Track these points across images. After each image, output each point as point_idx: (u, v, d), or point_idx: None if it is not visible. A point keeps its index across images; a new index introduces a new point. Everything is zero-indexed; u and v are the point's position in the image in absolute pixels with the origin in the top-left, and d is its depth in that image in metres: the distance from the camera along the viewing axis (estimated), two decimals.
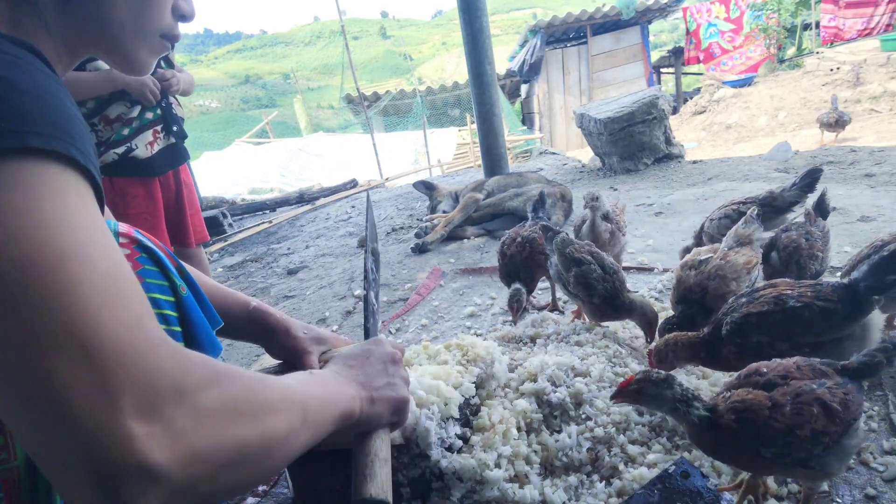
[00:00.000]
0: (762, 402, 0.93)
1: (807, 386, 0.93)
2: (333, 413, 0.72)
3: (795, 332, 1.17)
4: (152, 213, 2.38)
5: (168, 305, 0.81)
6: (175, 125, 2.43)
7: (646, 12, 13.77)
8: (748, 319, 1.21)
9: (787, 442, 0.90)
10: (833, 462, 0.94)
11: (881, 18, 11.87)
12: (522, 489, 1.13)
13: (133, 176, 2.33)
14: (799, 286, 1.22)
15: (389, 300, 2.68)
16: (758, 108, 10.25)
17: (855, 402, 0.93)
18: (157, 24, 0.77)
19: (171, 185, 2.46)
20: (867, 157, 4.27)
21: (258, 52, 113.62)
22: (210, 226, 2.75)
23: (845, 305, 1.14)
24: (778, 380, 0.97)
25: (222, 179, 13.00)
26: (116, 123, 2.26)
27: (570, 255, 1.66)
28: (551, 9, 62.84)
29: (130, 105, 2.28)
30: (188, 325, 0.83)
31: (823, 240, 1.63)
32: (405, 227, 4.28)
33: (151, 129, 2.36)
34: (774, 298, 1.21)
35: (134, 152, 2.31)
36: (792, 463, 0.93)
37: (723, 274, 1.46)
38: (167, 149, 2.42)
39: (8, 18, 0.65)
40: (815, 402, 0.91)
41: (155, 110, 2.36)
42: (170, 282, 0.82)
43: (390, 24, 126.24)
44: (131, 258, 0.79)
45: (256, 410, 0.57)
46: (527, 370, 1.46)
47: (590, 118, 5.30)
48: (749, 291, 1.30)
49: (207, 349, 0.83)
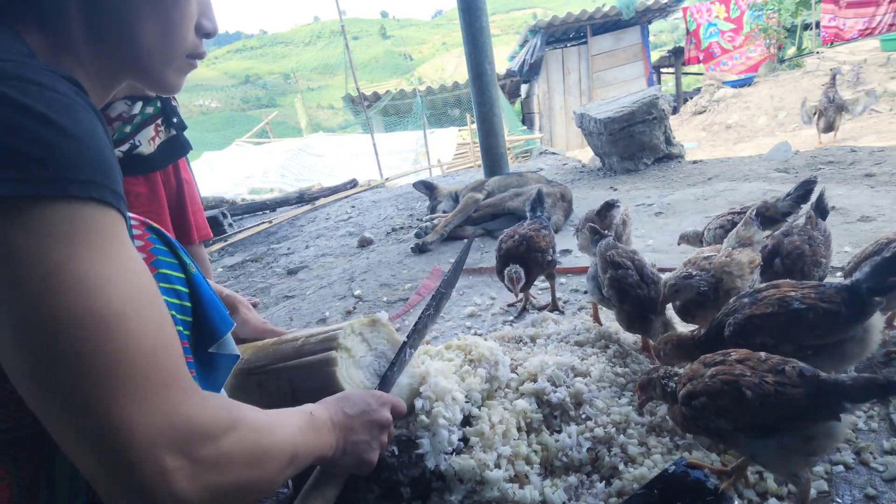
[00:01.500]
0: (696, 371, 1.07)
1: (738, 370, 1.01)
2: (314, 455, 0.87)
3: (800, 335, 1.17)
4: (156, 210, 2.37)
5: (180, 282, 0.85)
6: (175, 116, 2.42)
7: (646, 12, 13.77)
8: (752, 321, 1.20)
9: (693, 406, 1.03)
10: (764, 453, 0.98)
11: (883, 18, 11.87)
12: (522, 489, 1.13)
13: (137, 174, 2.32)
14: (802, 287, 1.22)
15: (389, 300, 2.68)
16: (758, 108, 10.25)
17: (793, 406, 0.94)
18: (182, 47, 0.80)
19: (172, 183, 2.45)
20: (867, 157, 4.27)
21: (258, 52, 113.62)
22: (210, 226, 2.74)
23: (848, 307, 1.13)
24: (730, 361, 1.05)
25: (222, 179, 13.01)
26: (117, 122, 2.25)
27: (610, 258, 1.62)
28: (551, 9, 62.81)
29: (131, 102, 2.27)
30: (199, 299, 0.87)
31: (826, 244, 1.61)
32: (405, 227, 4.28)
33: (153, 124, 2.34)
34: (778, 300, 1.20)
35: (138, 149, 2.30)
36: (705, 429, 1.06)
37: (729, 270, 1.46)
38: (168, 141, 2.41)
39: (47, 53, 0.69)
40: (731, 384, 0.99)
41: (155, 104, 2.34)
42: (179, 260, 0.87)
43: (390, 24, 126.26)
44: (143, 238, 0.84)
45: (262, 456, 0.70)
46: (527, 370, 1.46)
47: (590, 118, 5.30)
48: (751, 292, 1.29)
49: (219, 323, 0.89)
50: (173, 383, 0.59)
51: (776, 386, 0.96)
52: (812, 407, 0.93)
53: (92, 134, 0.59)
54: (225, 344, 0.90)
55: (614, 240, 1.76)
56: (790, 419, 0.96)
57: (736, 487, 1.11)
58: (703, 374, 1.05)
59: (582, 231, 2.16)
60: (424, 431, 1.15)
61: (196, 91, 63.27)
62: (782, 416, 0.95)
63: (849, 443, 1.20)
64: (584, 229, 1.96)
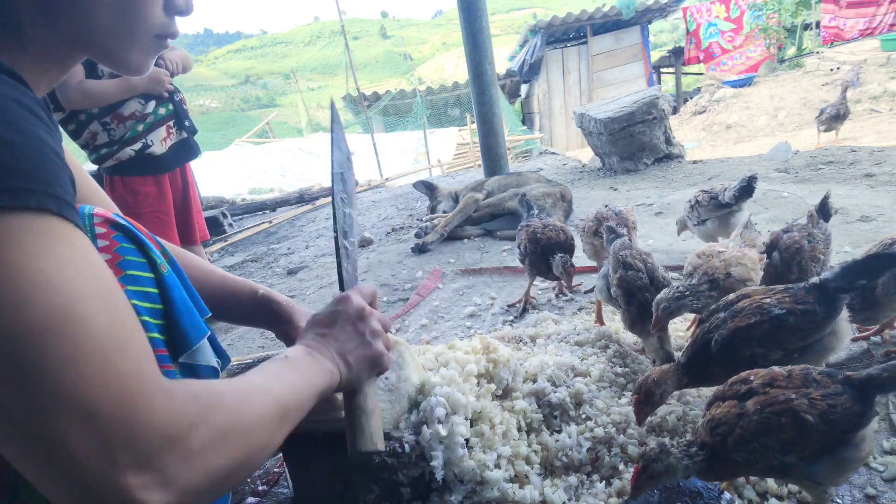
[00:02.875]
0: (732, 412, 0.96)
1: (783, 396, 0.93)
2: (312, 393, 0.79)
3: (787, 339, 1.16)
4: (164, 210, 2.40)
5: (149, 282, 0.80)
6: (186, 119, 2.45)
7: (646, 12, 13.77)
8: (738, 334, 1.18)
9: (751, 449, 0.93)
10: (822, 472, 0.93)
11: (884, 18, 11.87)
12: (523, 489, 1.13)
13: (147, 174, 2.35)
14: (773, 293, 1.21)
15: (389, 300, 2.68)
16: (758, 108, 10.25)
17: (848, 414, 0.91)
18: (145, 26, 0.74)
19: (178, 183, 2.49)
20: (867, 157, 4.27)
21: (258, 52, 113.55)
22: (210, 226, 2.79)
23: (822, 305, 1.15)
24: (759, 388, 0.97)
25: (222, 179, 12.97)
26: (130, 121, 2.28)
27: (622, 258, 1.61)
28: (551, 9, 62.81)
29: (145, 101, 2.30)
30: (169, 303, 0.82)
31: (825, 242, 1.63)
32: (405, 227, 4.28)
33: (165, 126, 2.38)
34: (758, 309, 1.19)
35: (150, 149, 2.33)
36: (766, 469, 0.95)
37: (744, 262, 1.48)
38: (179, 143, 2.45)
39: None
40: (785, 413, 0.91)
41: (167, 105, 2.37)
42: (148, 259, 0.82)
43: (390, 24, 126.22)
44: (107, 237, 0.79)
45: (241, 435, 0.64)
46: (527, 370, 1.46)
47: (590, 118, 5.30)
48: (722, 306, 1.26)
49: (189, 330, 0.83)
50: (129, 390, 0.53)
51: (825, 399, 0.92)
52: (863, 412, 0.91)
53: (27, 137, 0.54)
54: (200, 353, 0.84)
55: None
56: (848, 431, 0.92)
57: (736, 487, 1.12)
58: (746, 411, 0.95)
59: (585, 233, 2.16)
60: (438, 444, 1.13)
61: (196, 91, 63.24)
62: (839, 430, 0.91)
63: None
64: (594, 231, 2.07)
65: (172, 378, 0.73)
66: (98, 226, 0.79)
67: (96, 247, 0.74)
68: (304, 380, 0.79)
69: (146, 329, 0.76)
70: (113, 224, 0.80)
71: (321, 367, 0.83)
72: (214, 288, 1.11)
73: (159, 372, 0.58)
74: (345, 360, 0.88)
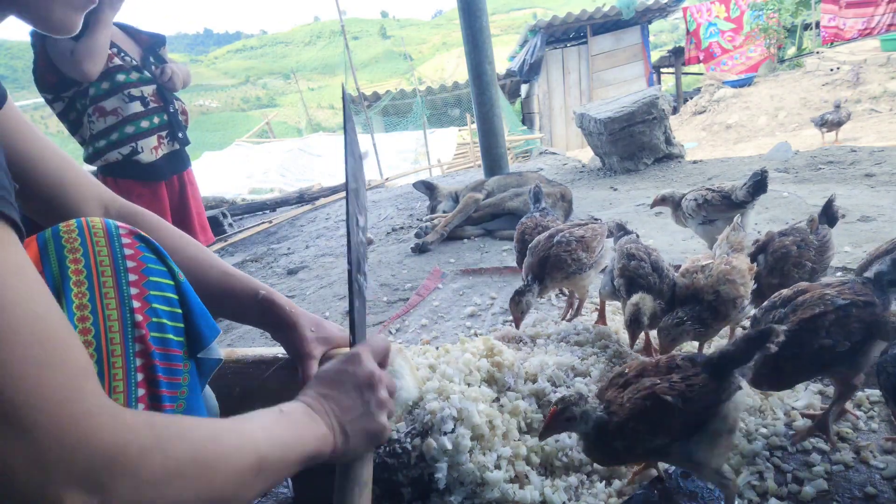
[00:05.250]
0: (616, 400, 1.04)
1: (649, 381, 1.02)
2: (300, 455, 0.73)
3: (853, 330, 1.14)
4: (158, 211, 2.42)
5: (170, 289, 0.83)
6: (181, 131, 2.48)
7: (646, 12, 13.77)
8: (805, 326, 1.15)
9: (626, 434, 1.00)
10: (698, 449, 0.99)
11: (882, 18, 11.88)
12: (523, 490, 1.13)
13: (137, 179, 2.37)
14: (833, 286, 1.20)
15: (389, 300, 2.68)
16: (758, 108, 10.26)
17: (706, 391, 0.99)
18: None
19: (175, 186, 2.51)
20: (867, 157, 4.27)
21: (258, 52, 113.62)
22: (210, 226, 2.81)
23: (879, 296, 1.17)
24: (633, 379, 1.06)
25: (222, 179, 12.98)
26: (111, 117, 2.29)
27: (626, 250, 1.62)
28: (551, 9, 62.82)
29: (128, 100, 2.31)
30: (187, 307, 0.85)
31: (820, 249, 1.58)
32: (405, 227, 4.28)
33: (156, 135, 2.40)
34: (819, 299, 1.17)
35: (138, 155, 2.35)
36: (644, 453, 1.03)
37: (732, 279, 1.43)
38: (172, 154, 2.48)
39: None
40: (649, 397, 1.00)
41: (162, 115, 2.40)
42: (168, 267, 0.85)
43: (390, 24, 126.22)
44: (132, 247, 0.81)
45: (204, 471, 0.59)
46: (527, 370, 1.46)
47: (590, 118, 5.31)
48: (779, 303, 1.24)
49: (205, 330, 0.86)
50: (66, 406, 0.50)
51: (683, 381, 1.00)
52: (721, 387, 1.00)
53: None
54: (211, 349, 0.89)
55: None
56: (710, 405, 0.99)
57: (735, 487, 1.12)
58: (620, 400, 1.03)
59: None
60: (442, 455, 1.13)
61: (196, 91, 63.36)
62: (700, 406, 0.99)
63: (848, 442, 1.20)
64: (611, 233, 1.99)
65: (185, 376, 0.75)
66: (124, 237, 0.82)
67: (123, 255, 0.78)
68: (294, 438, 0.73)
69: (161, 330, 0.79)
70: (137, 235, 0.84)
71: (316, 431, 0.77)
72: (211, 286, 1.08)
73: (102, 392, 0.55)
74: (343, 429, 0.81)
